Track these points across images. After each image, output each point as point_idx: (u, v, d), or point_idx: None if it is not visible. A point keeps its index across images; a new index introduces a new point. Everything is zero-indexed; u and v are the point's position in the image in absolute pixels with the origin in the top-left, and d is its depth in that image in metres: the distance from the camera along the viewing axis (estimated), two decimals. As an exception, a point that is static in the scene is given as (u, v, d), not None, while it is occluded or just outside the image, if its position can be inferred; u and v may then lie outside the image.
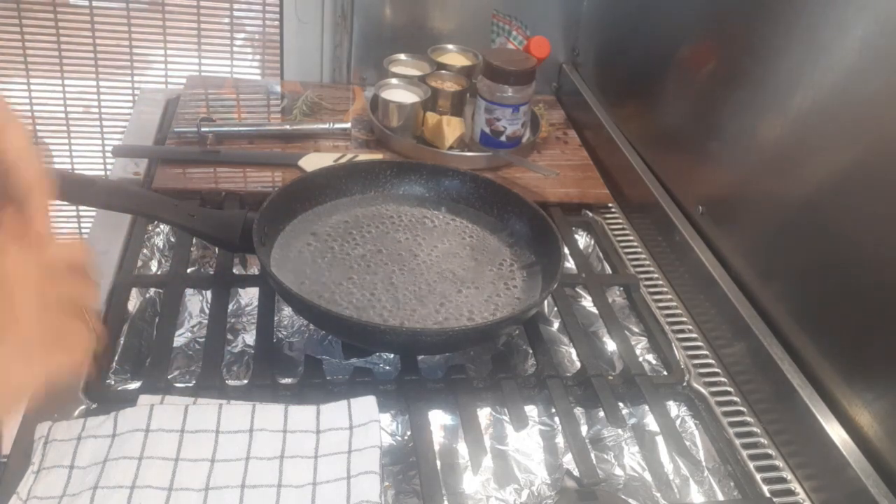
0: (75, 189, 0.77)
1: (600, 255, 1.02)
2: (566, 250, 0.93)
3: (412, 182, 0.96)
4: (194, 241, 0.91)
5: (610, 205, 1.11)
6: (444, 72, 1.21)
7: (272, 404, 0.67)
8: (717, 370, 0.83)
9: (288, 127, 1.15)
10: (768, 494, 0.70)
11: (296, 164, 1.06)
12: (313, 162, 1.05)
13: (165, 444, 0.62)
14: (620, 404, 0.76)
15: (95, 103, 1.57)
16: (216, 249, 0.90)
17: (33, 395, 0.69)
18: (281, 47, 1.37)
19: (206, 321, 0.83)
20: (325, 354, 0.82)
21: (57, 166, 1.69)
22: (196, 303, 0.87)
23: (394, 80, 1.18)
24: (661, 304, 0.92)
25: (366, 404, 0.67)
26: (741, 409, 0.78)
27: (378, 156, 1.10)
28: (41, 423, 0.64)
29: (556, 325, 0.91)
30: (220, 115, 1.18)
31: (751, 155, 0.86)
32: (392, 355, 0.82)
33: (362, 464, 0.63)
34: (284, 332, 0.85)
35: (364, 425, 0.66)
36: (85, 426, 0.63)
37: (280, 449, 0.64)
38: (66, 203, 1.58)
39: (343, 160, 1.04)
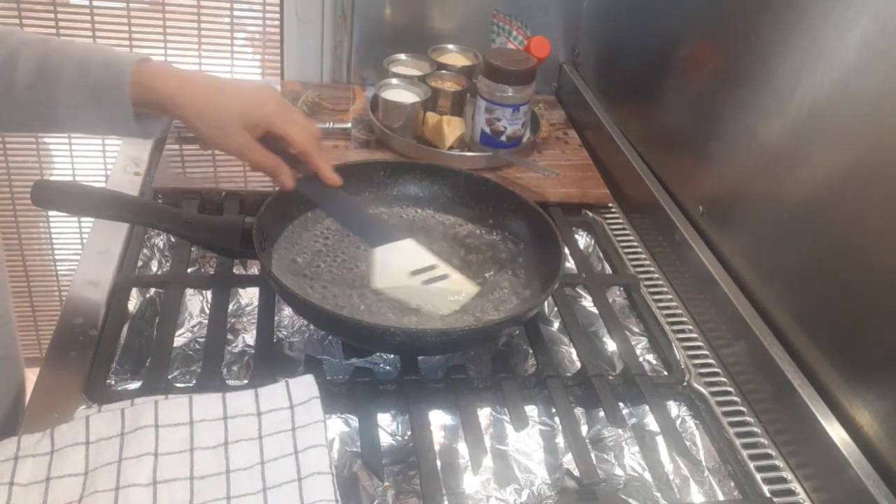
0: (71, 200, 0.77)
1: (600, 255, 1.02)
2: (566, 250, 0.93)
3: (408, 182, 0.96)
4: (194, 241, 0.91)
5: (610, 205, 1.11)
6: (444, 72, 1.21)
7: (209, 394, 0.67)
8: (717, 370, 0.83)
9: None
10: (768, 494, 0.70)
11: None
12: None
13: (107, 451, 0.61)
14: (620, 404, 0.76)
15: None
16: (216, 249, 0.90)
17: (33, 395, 0.70)
18: (281, 47, 1.37)
19: (206, 321, 0.83)
20: (325, 354, 0.82)
21: (57, 168, 1.69)
22: (196, 303, 0.87)
23: (394, 80, 1.18)
24: (661, 304, 0.92)
25: (304, 383, 0.67)
26: (741, 409, 0.78)
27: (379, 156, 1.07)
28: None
29: (556, 325, 0.91)
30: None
31: (751, 155, 0.86)
32: (392, 355, 0.82)
33: (308, 439, 0.63)
34: (284, 332, 0.85)
35: (305, 403, 0.66)
36: (20, 445, 0.62)
37: (223, 436, 0.63)
38: (62, 213, 1.59)
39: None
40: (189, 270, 0.89)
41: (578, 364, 0.80)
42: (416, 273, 0.79)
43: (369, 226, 0.81)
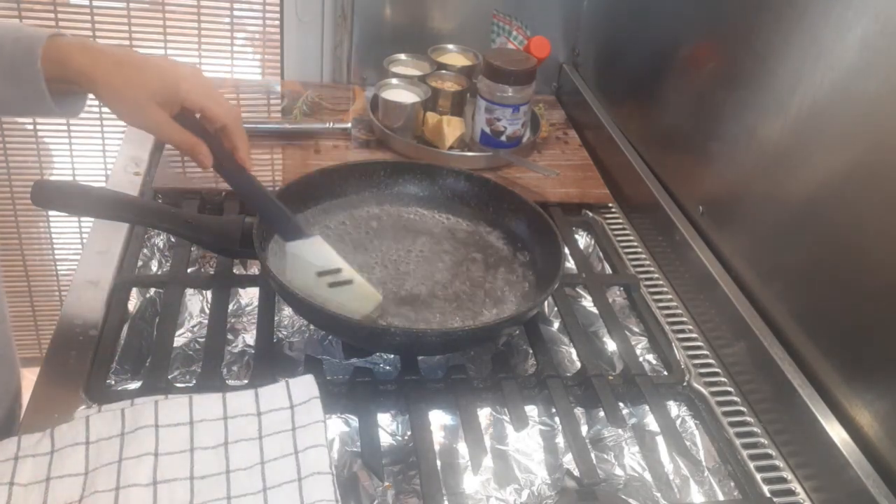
0: (71, 200, 0.77)
1: (600, 255, 1.02)
2: (566, 250, 0.93)
3: (408, 182, 0.96)
4: (194, 241, 0.91)
5: (610, 205, 1.11)
6: (444, 72, 1.21)
7: (209, 394, 0.67)
8: (717, 370, 0.83)
9: (288, 126, 1.15)
10: (768, 494, 0.70)
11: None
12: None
13: (107, 451, 0.61)
14: (620, 404, 0.76)
15: (96, 103, 1.57)
16: (216, 249, 0.90)
17: (33, 395, 0.70)
18: (281, 47, 1.37)
19: (206, 321, 0.83)
20: (325, 354, 0.82)
21: (57, 168, 1.69)
22: (196, 303, 0.87)
23: (394, 80, 1.18)
24: (661, 304, 0.92)
25: (304, 383, 0.67)
26: (741, 409, 0.78)
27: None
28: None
29: (556, 325, 0.91)
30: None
31: (751, 155, 0.86)
32: (392, 355, 0.82)
33: (308, 439, 0.63)
34: (284, 332, 0.85)
35: (305, 403, 0.66)
36: (20, 445, 0.62)
37: (223, 436, 0.63)
38: (62, 214, 1.59)
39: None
40: (189, 270, 0.89)
41: (578, 364, 0.80)
42: (322, 274, 0.76)
43: (281, 219, 0.77)
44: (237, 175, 0.74)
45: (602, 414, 0.76)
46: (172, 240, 0.93)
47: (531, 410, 0.76)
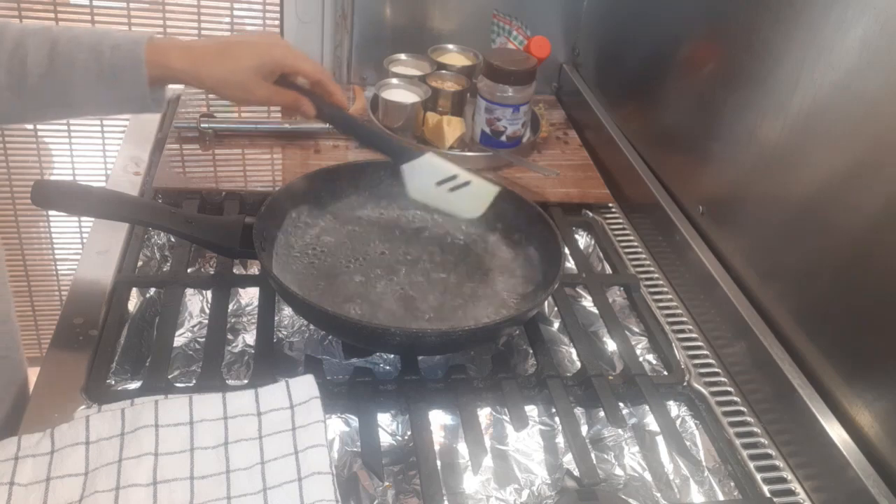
0: (71, 200, 0.77)
1: (600, 255, 1.02)
2: (566, 250, 0.93)
3: None
4: (194, 241, 0.91)
5: (610, 205, 1.11)
6: (444, 72, 1.21)
7: (209, 394, 0.67)
8: (717, 370, 0.83)
9: (288, 126, 1.15)
10: (768, 494, 0.70)
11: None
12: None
13: (107, 451, 0.61)
14: (620, 404, 0.76)
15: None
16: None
17: (33, 395, 0.70)
18: (281, 47, 1.37)
19: (206, 321, 0.83)
20: (325, 354, 0.82)
21: (57, 168, 1.69)
22: (196, 303, 0.87)
23: (394, 80, 1.18)
24: (661, 304, 0.92)
25: (304, 383, 0.67)
26: (741, 409, 0.78)
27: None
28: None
29: (556, 325, 0.91)
30: (221, 113, 1.18)
31: (751, 155, 0.86)
32: (392, 355, 0.82)
33: (308, 439, 0.63)
34: (284, 332, 0.85)
35: (305, 403, 0.66)
36: (20, 445, 0.62)
37: (223, 436, 0.63)
38: (62, 214, 1.58)
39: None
40: (189, 270, 0.89)
41: (578, 364, 0.80)
42: (441, 183, 0.83)
43: (389, 145, 0.86)
44: (339, 116, 0.83)
45: (602, 414, 0.76)
46: (172, 240, 0.93)
47: (531, 410, 0.76)
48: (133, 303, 0.83)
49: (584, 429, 0.76)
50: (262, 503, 0.59)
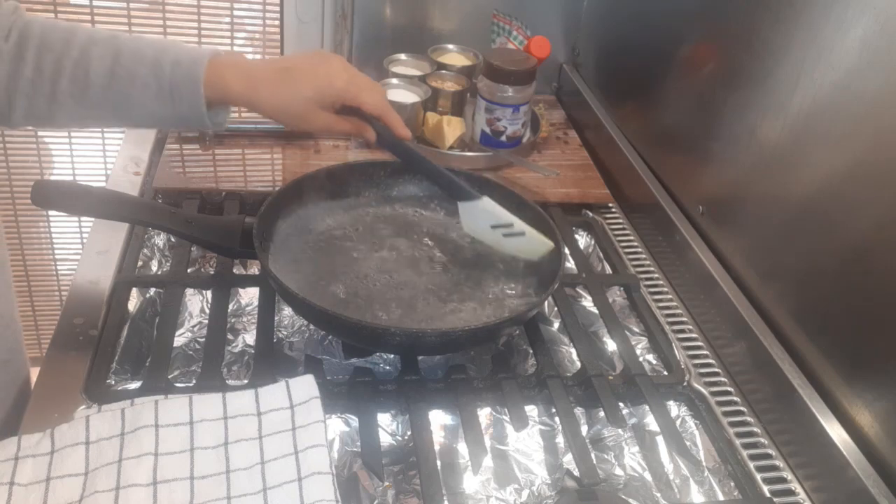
0: (71, 200, 0.77)
1: (600, 255, 1.02)
2: (566, 250, 0.93)
3: (408, 182, 0.96)
4: (194, 241, 0.91)
5: (610, 205, 1.11)
6: (444, 72, 1.21)
7: (209, 394, 0.67)
8: (717, 370, 0.83)
9: (288, 127, 1.15)
10: (768, 494, 0.70)
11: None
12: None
13: (107, 451, 0.61)
14: (621, 404, 0.76)
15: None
16: (216, 249, 0.90)
17: (33, 395, 0.70)
18: (281, 47, 1.37)
19: (206, 321, 0.83)
20: (325, 354, 0.82)
21: (57, 168, 1.69)
22: (196, 303, 0.87)
23: (394, 80, 1.18)
24: (661, 304, 0.92)
25: (304, 383, 0.67)
26: (741, 409, 0.78)
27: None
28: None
29: (556, 325, 0.91)
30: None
31: (751, 155, 0.86)
32: (392, 355, 0.82)
33: (308, 439, 0.63)
34: (284, 332, 0.85)
35: (305, 403, 0.66)
36: (20, 445, 0.62)
37: (223, 436, 0.63)
38: (62, 214, 1.58)
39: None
40: (189, 270, 0.89)
41: (578, 364, 0.80)
42: (496, 227, 0.84)
43: (450, 182, 0.85)
44: (400, 148, 0.83)
45: (602, 414, 0.76)
46: (172, 240, 0.93)
47: (531, 410, 0.76)
48: (133, 303, 0.83)
49: (584, 429, 0.76)
50: (262, 503, 0.59)
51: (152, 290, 0.86)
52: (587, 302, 0.94)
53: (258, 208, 0.82)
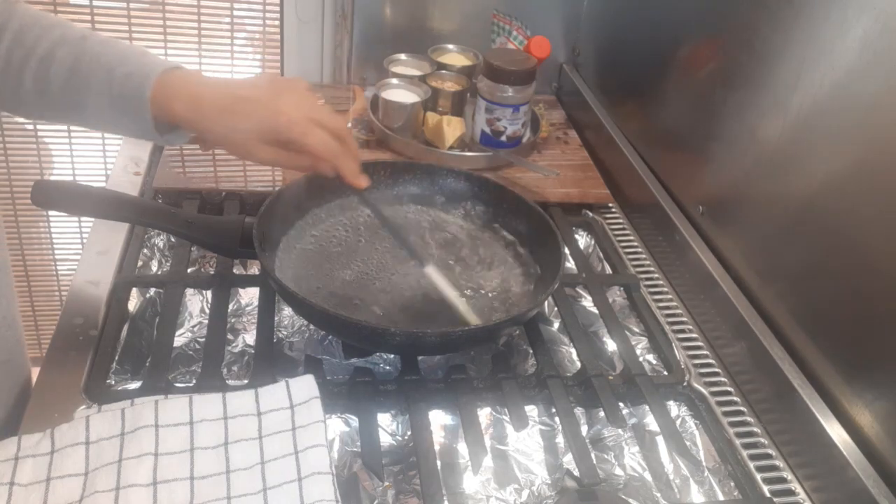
0: (71, 200, 0.77)
1: (600, 255, 1.02)
2: (566, 250, 0.93)
3: (408, 182, 0.96)
4: (194, 241, 0.91)
5: (610, 205, 1.11)
6: (444, 72, 1.21)
7: (209, 394, 0.67)
8: (717, 370, 0.83)
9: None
10: (768, 494, 0.70)
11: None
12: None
13: (107, 451, 0.61)
14: (621, 404, 0.76)
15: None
16: (216, 249, 0.90)
17: (33, 395, 0.70)
18: (281, 47, 1.37)
19: (206, 321, 0.83)
20: (325, 354, 0.82)
21: (57, 168, 1.69)
22: (196, 303, 0.87)
23: (394, 80, 1.18)
24: (661, 304, 0.92)
25: (305, 383, 0.67)
26: (741, 409, 0.78)
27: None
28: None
29: (556, 325, 0.91)
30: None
31: (751, 155, 0.86)
32: (392, 355, 0.82)
33: (308, 439, 0.63)
34: (284, 332, 0.85)
35: (305, 403, 0.66)
36: (20, 445, 0.62)
37: (223, 436, 0.63)
38: (62, 214, 1.58)
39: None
40: (189, 270, 0.89)
41: (578, 364, 0.80)
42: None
43: (402, 243, 0.82)
44: (361, 197, 0.78)
45: (602, 414, 0.76)
46: (172, 240, 0.93)
47: (531, 410, 0.76)
48: (133, 303, 0.83)
49: (584, 429, 0.76)
50: (263, 503, 0.59)
51: (152, 290, 0.86)
52: (587, 302, 0.94)
53: (258, 208, 0.82)
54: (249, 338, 0.84)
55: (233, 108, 0.69)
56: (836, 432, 0.69)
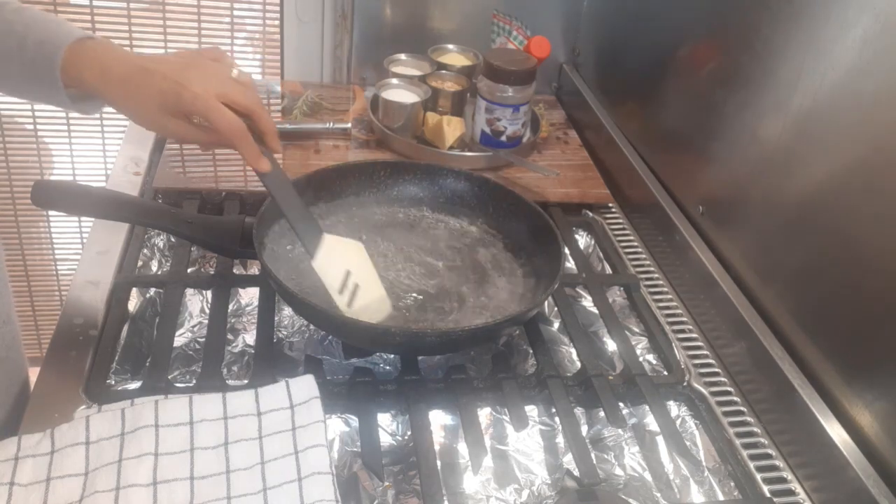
0: (71, 200, 0.77)
1: (600, 255, 1.02)
2: (566, 250, 0.93)
3: (408, 182, 0.95)
4: (194, 241, 0.91)
5: (610, 205, 1.11)
6: (444, 72, 1.21)
7: (209, 394, 0.67)
8: (717, 370, 0.83)
9: (288, 126, 1.15)
10: (768, 494, 0.70)
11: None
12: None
13: (107, 451, 0.61)
14: (621, 404, 0.76)
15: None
16: (216, 249, 0.90)
17: (33, 395, 0.70)
18: (281, 47, 1.37)
19: (206, 321, 0.83)
20: (325, 354, 0.82)
21: (57, 168, 1.69)
22: (196, 303, 0.87)
23: (394, 80, 1.18)
24: (661, 304, 0.92)
25: (304, 383, 0.67)
26: (741, 409, 0.78)
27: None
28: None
29: (556, 325, 0.91)
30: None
31: (751, 155, 0.86)
32: (392, 355, 0.82)
33: (308, 439, 0.63)
34: (284, 332, 0.85)
35: (305, 403, 0.66)
36: (20, 445, 0.62)
37: (223, 436, 0.63)
38: (62, 214, 1.58)
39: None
40: (189, 270, 0.89)
41: (578, 364, 0.80)
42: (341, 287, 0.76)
43: (297, 230, 0.76)
44: (264, 179, 0.73)
45: (602, 414, 0.76)
46: (172, 240, 0.93)
47: (531, 410, 0.76)
48: (133, 303, 0.83)
49: (584, 429, 0.76)
50: (263, 503, 0.59)
51: (152, 290, 0.86)
52: (587, 302, 0.94)
53: (258, 208, 0.82)
54: (249, 338, 0.84)
55: (137, 80, 0.68)
56: (836, 432, 0.69)
